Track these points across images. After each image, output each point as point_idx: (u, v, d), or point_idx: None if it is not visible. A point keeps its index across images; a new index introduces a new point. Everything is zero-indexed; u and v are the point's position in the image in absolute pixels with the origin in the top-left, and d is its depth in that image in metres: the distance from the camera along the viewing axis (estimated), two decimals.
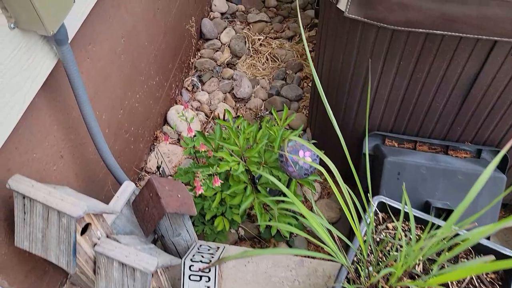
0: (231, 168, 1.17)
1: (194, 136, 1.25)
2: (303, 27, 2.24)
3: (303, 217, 0.87)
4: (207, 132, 1.76)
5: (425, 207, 1.19)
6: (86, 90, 0.99)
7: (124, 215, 1.06)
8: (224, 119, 1.80)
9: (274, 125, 1.37)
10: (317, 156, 1.05)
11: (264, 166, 1.17)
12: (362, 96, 1.28)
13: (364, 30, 1.10)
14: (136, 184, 1.56)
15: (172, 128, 1.65)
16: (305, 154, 1.03)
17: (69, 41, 0.89)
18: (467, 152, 1.31)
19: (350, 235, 1.46)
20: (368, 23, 1.06)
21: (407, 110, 1.28)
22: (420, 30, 1.02)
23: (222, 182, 1.15)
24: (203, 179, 1.10)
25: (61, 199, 0.79)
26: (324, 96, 0.95)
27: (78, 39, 1.05)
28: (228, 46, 2.12)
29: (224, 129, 1.55)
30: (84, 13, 0.99)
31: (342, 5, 1.09)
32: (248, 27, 2.21)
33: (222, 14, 2.27)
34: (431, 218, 0.96)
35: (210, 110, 1.85)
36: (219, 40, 2.15)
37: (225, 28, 2.19)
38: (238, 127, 1.33)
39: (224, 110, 1.76)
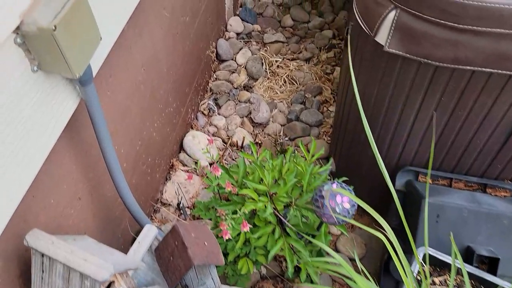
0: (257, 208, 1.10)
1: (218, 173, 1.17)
2: (320, 48, 2.17)
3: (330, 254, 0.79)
4: (225, 159, 1.68)
5: (467, 253, 1.11)
6: (108, 129, 0.92)
7: (146, 263, 0.98)
8: (242, 146, 1.73)
9: (299, 156, 1.30)
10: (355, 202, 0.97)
11: (295, 207, 1.09)
12: (397, 130, 1.21)
13: (405, 64, 1.03)
14: (151, 217, 1.48)
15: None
16: (343, 200, 0.96)
17: (93, 80, 0.82)
18: (507, 190, 1.23)
19: (380, 273, 1.38)
20: (410, 58, 0.99)
21: (444, 146, 1.20)
22: (469, 67, 0.95)
23: (251, 226, 1.07)
24: (230, 223, 1.02)
25: (84, 259, 0.71)
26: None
27: (99, 72, 0.99)
28: (245, 68, 2.05)
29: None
30: (107, 47, 0.93)
31: (381, 38, 1.02)
32: (265, 48, 2.15)
33: (237, 34, 2.20)
34: (486, 275, 0.88)
35: (228, 136, 1.77)
36: (235, 61, 2.08)
37: (241, 49, 2.13)
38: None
39: (243, 137, 1.69)
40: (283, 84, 2.02)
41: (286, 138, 1.78)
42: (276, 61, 2.08)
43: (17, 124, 0.69)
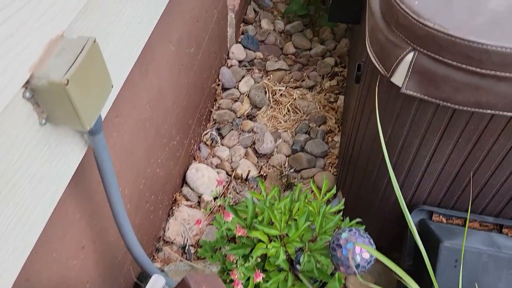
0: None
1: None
2: (323, 76, 2.16)
3: None
4: (229, 193, 1.63)
5: None
6: (115, 175, 0.87)
7: None
8: (247, 179, 1.68)
9: (309, 192, 1.26)
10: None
11: (309, 254, 1.05)
12: (411, 170, 1.17)
13: (422, 105, 1.00)
14: (153, 257, 1.42)
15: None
16: (363, 249, 0.91)
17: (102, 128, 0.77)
18: None
19: None
20: (428, 100, 0.97)
21: (460, 186, 1.17)
22: (489, 111, 0.92)
23: (263, 276, 1.02)
24: (242, 273, 0.97)
25: None
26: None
27: (106, 115, 0.94)
28: (248, 96, 2.02)
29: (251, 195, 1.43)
30: (116, 91, 0.89)
31: (398, 80, 0.99)
32: (268, 77, 2.12)
33: (239, 62, 2.18)
34: None
35: (232, 168, 1.73)
36: (238, 89, 2.06)
37: (243, 77, 2.10)
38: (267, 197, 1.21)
39: (248, 171, 1.64)
40: (286, 113, 1.99)
41: (292, 170, 1.74)
42: (280, 89, 2.05)
43: (25, 180, 0.65)
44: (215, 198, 1.57)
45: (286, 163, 1.78)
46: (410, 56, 0.95)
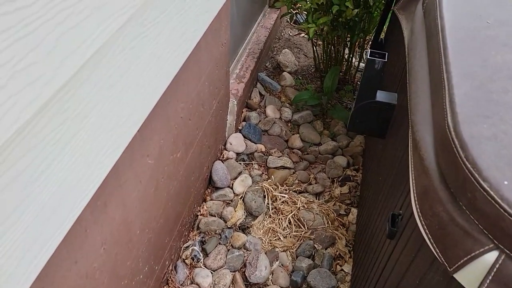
0: None
1: None
2: (333, 180, 1.84)
3: None
4: None
5: None
6: None
7: None
8: None
9: None
10: None
11: None
12: None
13: None
14: None
15: None
16: None
17: None
18: None
19: None
20: None
21: None
22: None
23: None
24: None
25: None
26: None
27: None
28: (243, 200, 1.69)
29: None
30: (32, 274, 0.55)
31: (466, 280, 0.66)
32: (269, 178, 1.80)
33: (237, 154, 1.88)
34: None
35: None
36: (232, 189, 1.73)
37: (240, 173, 1.79)
38: None
39: None
40: (287, 226, 1.65)
41: None
42: (281, 196, 1.72)
43: None
44: None
45: None
46: (491, 257, 0.62)
